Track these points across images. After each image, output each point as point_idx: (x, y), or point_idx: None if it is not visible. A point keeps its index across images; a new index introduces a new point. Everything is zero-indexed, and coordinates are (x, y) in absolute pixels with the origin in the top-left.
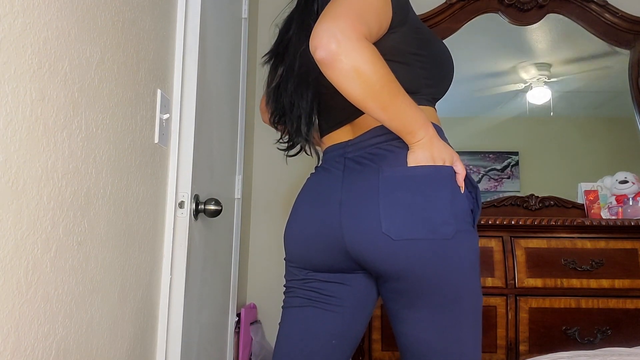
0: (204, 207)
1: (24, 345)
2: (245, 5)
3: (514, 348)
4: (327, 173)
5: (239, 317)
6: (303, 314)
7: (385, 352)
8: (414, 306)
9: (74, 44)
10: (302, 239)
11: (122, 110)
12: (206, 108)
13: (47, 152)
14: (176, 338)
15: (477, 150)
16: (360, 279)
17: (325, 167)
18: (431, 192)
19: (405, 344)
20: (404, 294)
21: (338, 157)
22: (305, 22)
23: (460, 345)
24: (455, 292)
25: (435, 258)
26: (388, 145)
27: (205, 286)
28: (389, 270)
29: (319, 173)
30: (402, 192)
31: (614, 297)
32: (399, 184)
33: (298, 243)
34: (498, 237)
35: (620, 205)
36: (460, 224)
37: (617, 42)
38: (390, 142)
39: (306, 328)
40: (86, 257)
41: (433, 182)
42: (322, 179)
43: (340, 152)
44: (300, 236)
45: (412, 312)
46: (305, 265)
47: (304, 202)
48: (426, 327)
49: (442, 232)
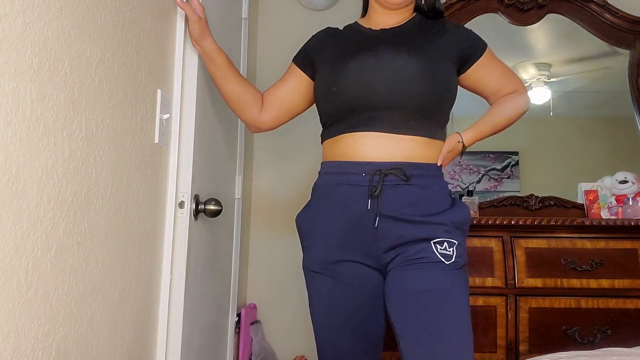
0: (204, 207)
1: (24, 345)
2: (245, 5)
3: (513, 348)
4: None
5: (239, 317)
6: None
7: (385, 352)
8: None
9: (74, 44)
10: None
11: (122, 110)
12: (206, 108)
13: (47, 152)
14: (176, 338)
15: (477, 150)
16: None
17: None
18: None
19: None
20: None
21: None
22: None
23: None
24: None
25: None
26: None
27: (205, 286)
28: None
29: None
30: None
31: (614, 297)
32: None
33: None
34: (498, 237)
35: (620, 205)
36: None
37: (617, 42)
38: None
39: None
40: (86, 257)
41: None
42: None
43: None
44: None
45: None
46: None
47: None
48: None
49: None
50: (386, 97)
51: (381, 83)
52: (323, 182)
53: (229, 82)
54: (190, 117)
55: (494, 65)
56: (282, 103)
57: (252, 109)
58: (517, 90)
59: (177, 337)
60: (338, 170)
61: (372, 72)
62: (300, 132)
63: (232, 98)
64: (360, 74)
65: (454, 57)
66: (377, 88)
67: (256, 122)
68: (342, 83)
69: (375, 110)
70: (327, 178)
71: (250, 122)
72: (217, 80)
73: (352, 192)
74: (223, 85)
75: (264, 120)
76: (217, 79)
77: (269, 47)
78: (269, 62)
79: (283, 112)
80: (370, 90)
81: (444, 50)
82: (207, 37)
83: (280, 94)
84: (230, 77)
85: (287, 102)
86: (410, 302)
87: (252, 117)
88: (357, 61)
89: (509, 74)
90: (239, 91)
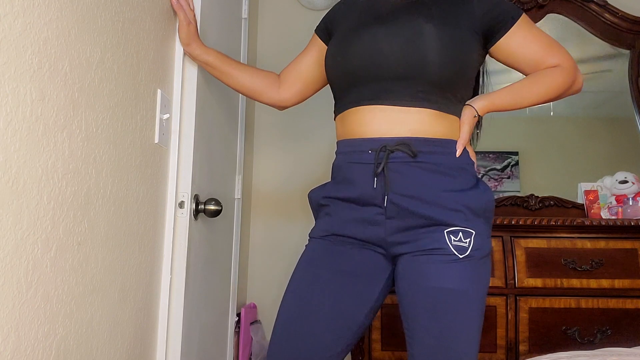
0: (204, 207)
1: (24, 345)
2: (245, 5)
3: (513, 348)
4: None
5: (239, 317)
6: None
7: (385, 352)
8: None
9: (74, 44)
10: None
11: (122, 110)
12: (206, 108)
13: (47, 152)
14: (176, 338)
15: (477, 150)
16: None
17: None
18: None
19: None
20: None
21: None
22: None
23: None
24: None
25: None
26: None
27: (205, 286)
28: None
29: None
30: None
31: (614, 297)
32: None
33: None
34: (498, 237)
35: (620, 205)
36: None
37: (617, 42)
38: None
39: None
40: (86, 257)
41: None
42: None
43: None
44: None
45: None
46: None
47: None
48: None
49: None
50: (394, 67)
51: (389, 52)
52: (337, 163)
53: (231, 77)
54: (190, 117)
55: (531, 35)
56: (303, 76)
57: (268, 92)
58: (561, 65)
59: (177, 337)
60: (349, 149)
61: (381, 40)
62: (301, 132)
63: (243, 89)
64: (368, 42)
65: (477, 27)
66: (385, 57)
67: (278, 102)
68: (348, 51)
69: (381, 81)
70: (340, 158)
71: (272, 104)
72: (219, 79)
73: (361, 171)
74: (227, 81)
75: (286, 97)
76: (219, 77)
77: (269, 47)
78: (269, 62)
79: (306, 85)
80: (377, 58)
81: (466, 20)
82: (193, 43)
83: (301, 68)
84: (230, 71)
85: (309, 76)
86: (420, 301)
87: (272, 99)
88: (368, 30)
89: (553, 46)
90: (247, 80)
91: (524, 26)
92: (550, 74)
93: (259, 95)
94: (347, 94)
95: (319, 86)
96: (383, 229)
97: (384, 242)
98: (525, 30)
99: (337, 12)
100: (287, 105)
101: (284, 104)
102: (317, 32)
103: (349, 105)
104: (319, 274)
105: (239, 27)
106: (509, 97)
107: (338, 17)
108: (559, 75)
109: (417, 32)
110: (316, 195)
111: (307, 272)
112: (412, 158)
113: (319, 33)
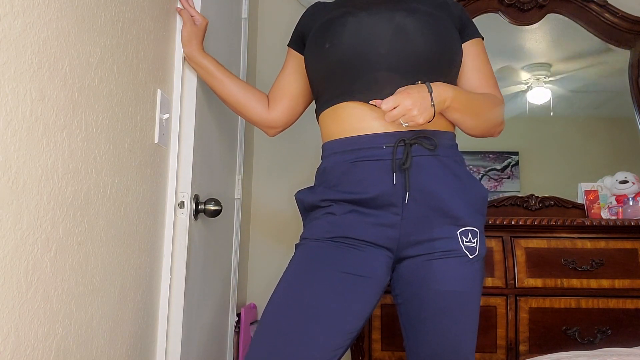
0: (204, 207)
1: (24, 345)
2: (245, 5)
3: (514, 348)
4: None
5: (239, 317)
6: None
7: (385, 352)
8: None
9: (74, 44)
10: None
11: (122, 110)
12: (206, 108)
13: (47, 152)
14: (176, 338)
15: (477, 150)
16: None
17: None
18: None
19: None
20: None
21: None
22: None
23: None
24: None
25: None
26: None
27: (205, 286)
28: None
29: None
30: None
31: (614, 297)
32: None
33: None
34: (498, 237)
35: (620, 205)
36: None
37: (617, 42)
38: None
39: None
40: (86, 257)
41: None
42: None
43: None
44: None
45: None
46: None
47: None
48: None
49: None
50: (389, 55)
51: (381, 39)
52: (330, 166)
53: (223, 85)
54: (190, 117)
55: (480, 59)
56: (287, 91)
57: (257, 108)
58: (499, 99)
59: (177, 337)
60: (351, 148)
61: (370, 28)
62: (301, 132)
63: (232, 100)
64: (357, 31)
65: (456, 23)
66: (378, 44)
67: (267, 122)
68: (336, 39)
69: (376, 71)
70: (335, 159)
71: (261, 123)
72: (211, 86)
73: (372, 169)
74: (219, 88)
75: (275, 116)
76: (211, 84)
77: (269, 47)
78: (269, 62)
79: (292, 99)
80: (370, 46)
81: (447, 16)
82: (193, 43)
83: (283, 85)
84: (223, 79)
85: (293, 89)
86: (430, 304)
87: (260, 115)
88: (354, 19)
89: (494, 81)
90: (238, 91)
91: (480, 47)
92: (497, 104)
93: (248, 110)
94: (336, 85)
95: (306, 99)
96: (397, 230)
97: (397, 243)
98: (479, 52)
99: (308, 16)
100: (277, 125)
101: (274, 123)
102: (290, 46)
103: (342, 99)
104: (322, 272)
105: (239, 27)
106: (466, 99)
107: (310, 20)
108: (501, 109)
109: (403, 19)
110: (308, 197)
111: (308, 270)
112: (431, 151)
113: (292, 45)
